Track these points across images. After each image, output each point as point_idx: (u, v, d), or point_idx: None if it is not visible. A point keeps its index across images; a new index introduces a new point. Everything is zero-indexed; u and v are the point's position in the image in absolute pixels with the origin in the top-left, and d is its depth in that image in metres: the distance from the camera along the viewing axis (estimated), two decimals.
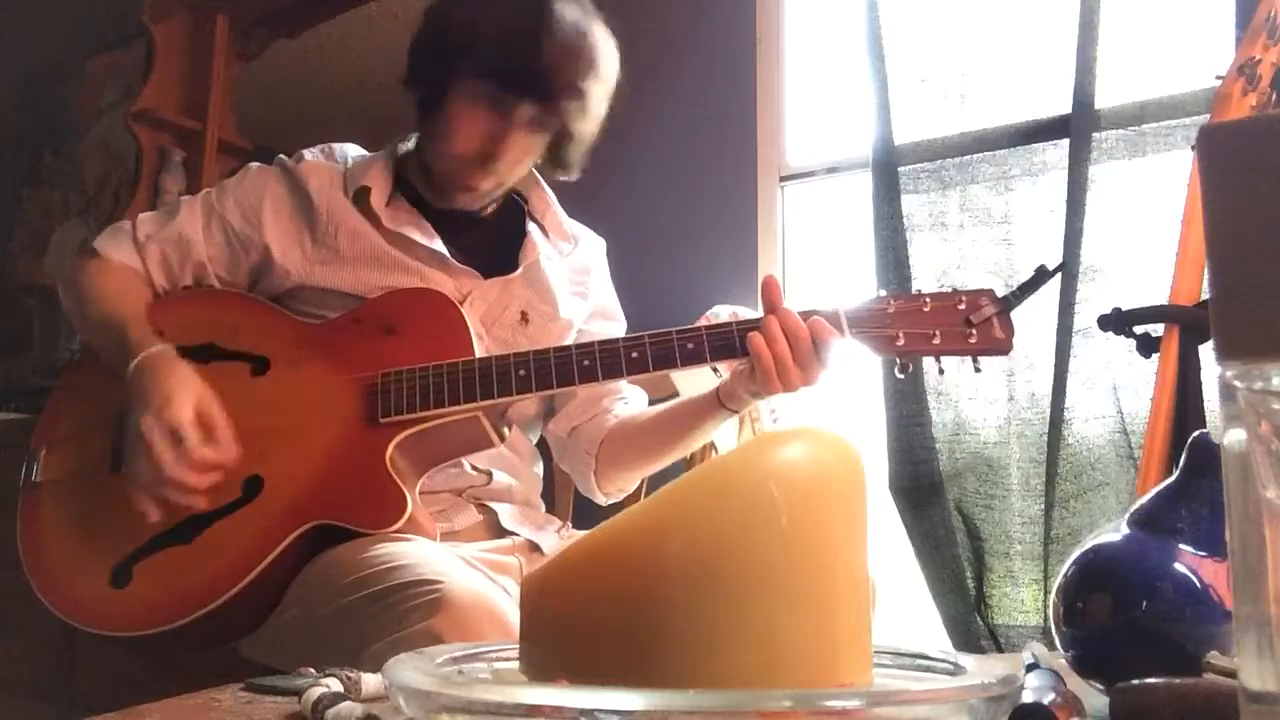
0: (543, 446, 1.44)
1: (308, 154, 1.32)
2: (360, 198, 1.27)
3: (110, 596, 1.10)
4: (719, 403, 1.22)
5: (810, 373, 1.10)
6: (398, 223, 1.26)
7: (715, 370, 1.21)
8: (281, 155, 1.34)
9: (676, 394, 1.52)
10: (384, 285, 1.24)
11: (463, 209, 1.29)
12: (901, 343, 1.10)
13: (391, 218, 1.26)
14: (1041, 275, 1.10)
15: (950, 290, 1.13)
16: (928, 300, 1.11)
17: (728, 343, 1.12)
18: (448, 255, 1.27)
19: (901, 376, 1.17)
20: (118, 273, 1.28)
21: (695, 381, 1.41)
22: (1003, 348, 1.10)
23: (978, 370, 1.13)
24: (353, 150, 1.35)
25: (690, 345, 1.12)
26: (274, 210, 1.28)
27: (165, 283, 1.30)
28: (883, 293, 1.13)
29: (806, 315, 1.11)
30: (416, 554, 1.01)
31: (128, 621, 1.09)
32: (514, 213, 1.39)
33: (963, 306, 1.11)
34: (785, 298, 1.15)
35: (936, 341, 1.10)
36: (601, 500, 1.38)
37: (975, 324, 1.10)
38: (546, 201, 1.41)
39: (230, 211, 1.29)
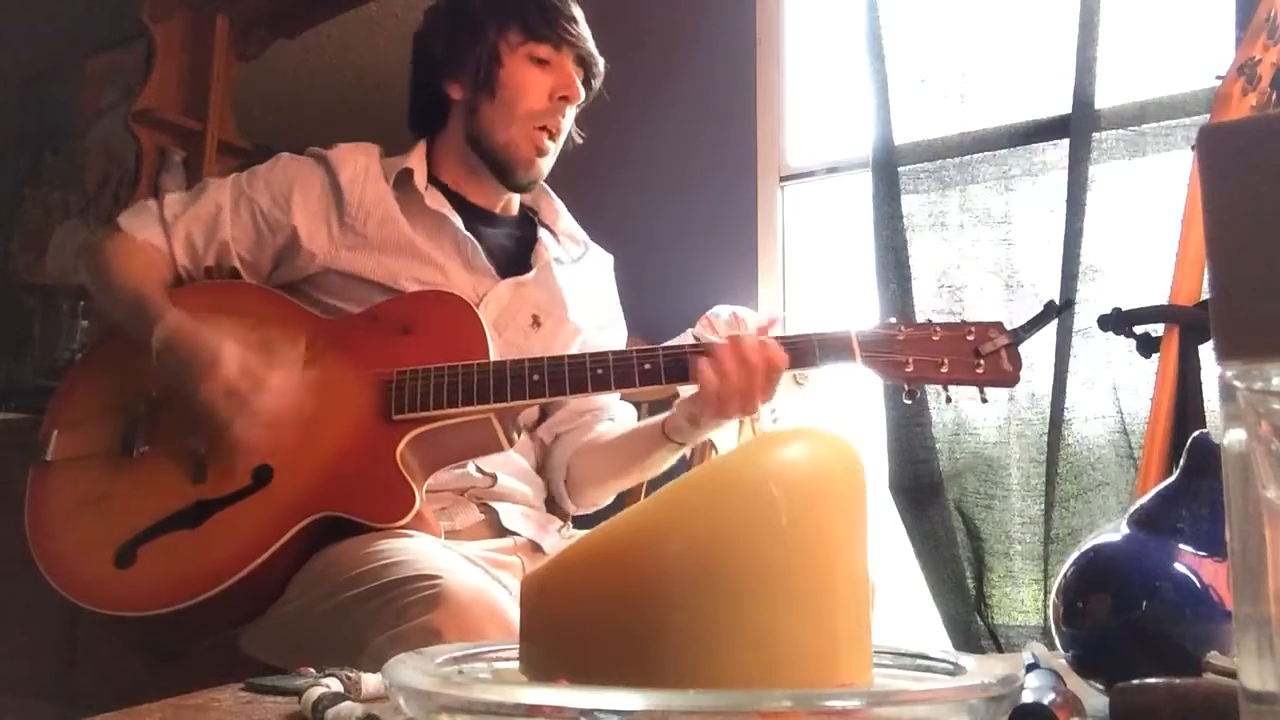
0: None
1: (342, 145, 1.36)
2: (403, 179, 1.31)
3: (114, 577, 1.10)
4: (663, 435, 1.25)
5: (750, 404, 1.12)
6: (437, 204, 1.31)
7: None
8: (314, 147, 1.36)
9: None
10: (408, 274, 1.27)
11: (522, 181, 1.34)
12: (910, 370, 1.12)
13: (432, 198, 1.31)
14: (1050, 311, 1.12)
15: (960, 321, 1.15)
16: (938, 329, 1.13)
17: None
18: (476, 243, 1.30)
19: (909, 402, 1.18)
20: (140, 250, 1.30)
21: None
22: (1009, 381, 1.12)
23: (984, 401, 1.15)
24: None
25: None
26: (303, 194, 1.30)
27: (188, 262, 1.31)
28: (893, 319, 1.16)
29: (822, 339, 1.12)
30: (417, 550, 1.02)
31: (130, 602, 1.09)
32: (526, 221, 1.43)
33: (971, 338, 1.12)
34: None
35: (945, 371, 1.12)
36: (571, 509, 1.40)
37: (984, 355, 1.11)
38: (556, 209, 1.45)
39: (259, 194, 1.31)
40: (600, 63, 1.35)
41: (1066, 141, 1.74)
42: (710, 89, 2.28)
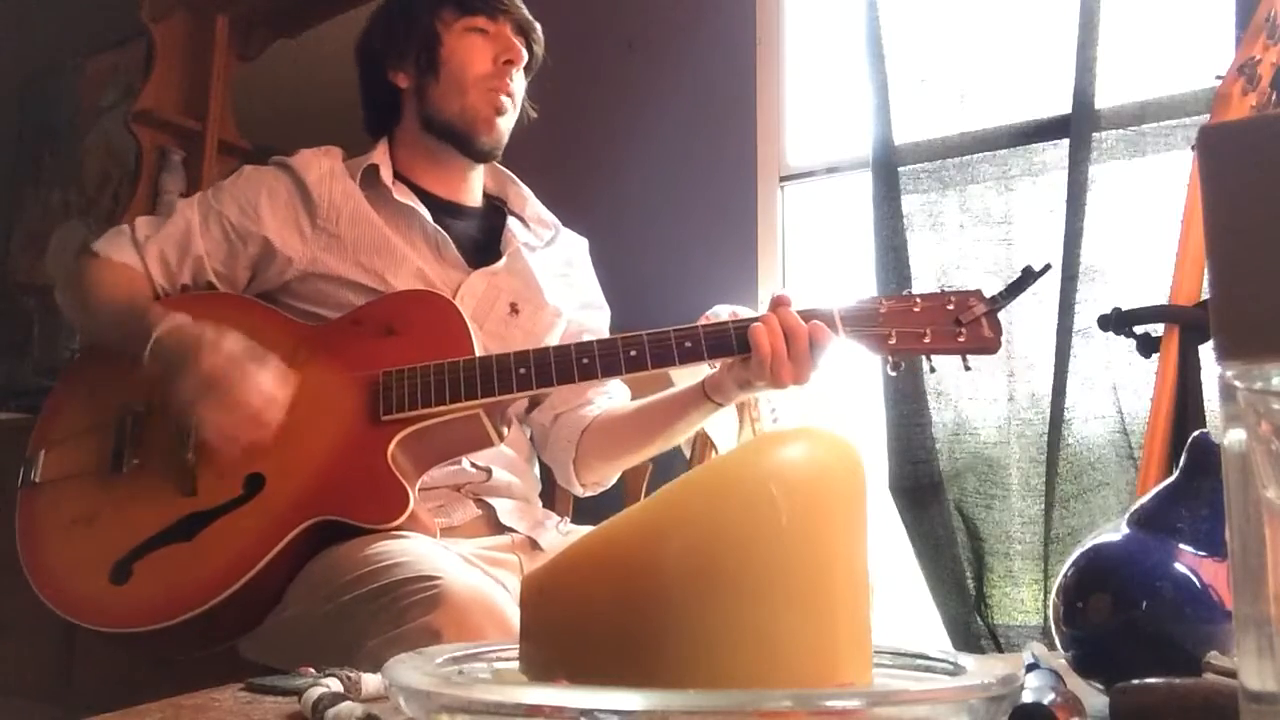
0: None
1: (303, 151, 1.36)
2: (370, 174, 1.32)
3: (110, 593, 1.10)
4: (704, 395, 1.24)
5: (802, 370, 1.12)
6: (405, 196, 1.32)
7: (713, 367, 1.22)
8: (277, 156, 1.37)
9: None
10: (386, 269, 1.27)
11: (484, 146, 1.34)
12: (893, 342, 1.13)
13: (399, 191, 1.32)
14: (1028, 276, 1.13)
15: (940, 290, 1.16)
16: (918, 300, 1.14)
17: (724, 341, 1.14)
18: (445, 235, 1.31)
19: (894, 374, 1.20)
20: (120, 271, 1.30)
21: (693, 377, 1.41)
22: (990, 347, 1.13)
23: (967, 369, 1.15)
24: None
25: (688, 343, 1.14)
26: (270, 201, 1.31)
27: (164, 281, 1.31)
28: (874, 294, 1.16)
29: (806, 316, 1.13)
30: (415, 551, 1.01)
31: (127, 618, 1.09)
32: (494, 211, 1.44)
33: (951, 306, 1.14)
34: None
35: (927, 340, 1.13)
36: (579, 491, 1.40)
37: (964, 324, 1.12)
38: (523, 196, 1.46)
39: (227, 206, 1.31)
40: (539, 28, 1.38)
41: (1066, 141, 1.74)
42: (710, 89, 2.27)
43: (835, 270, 2.17)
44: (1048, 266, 1.16)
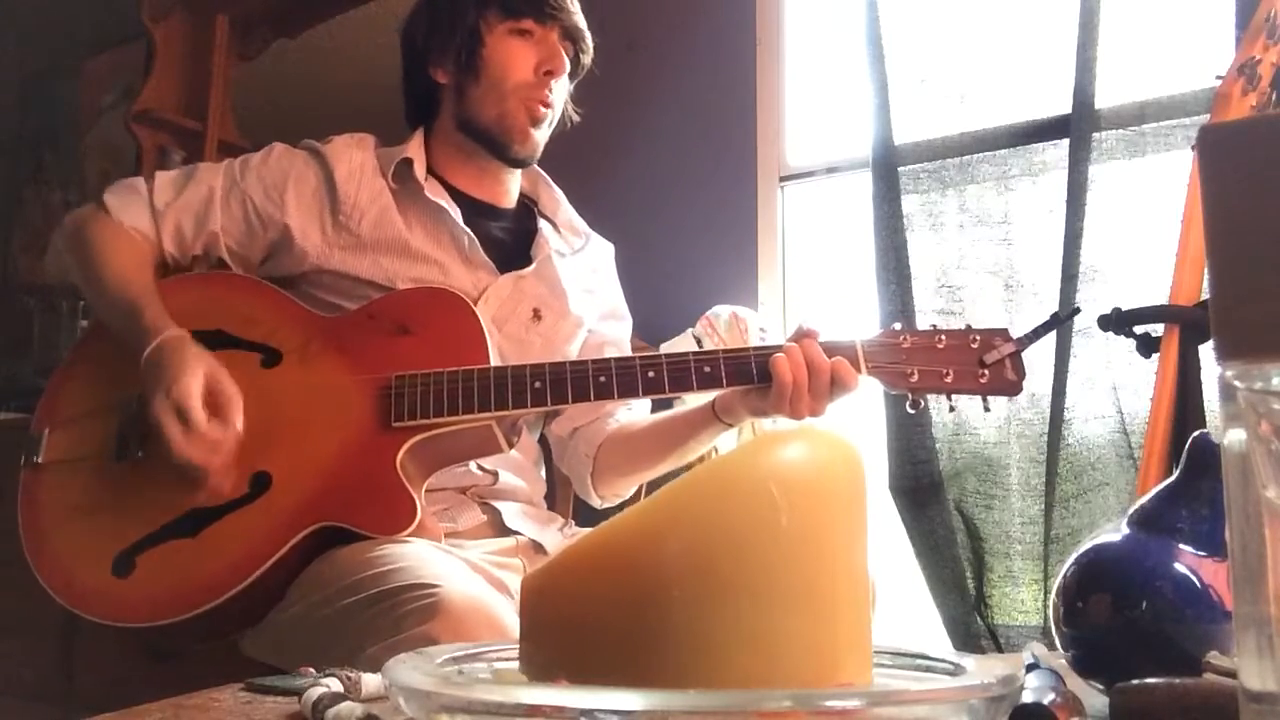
0: (544, 447, 1.44)
1: (337, 139, 1.33)
2: (402, 170, 1.29)
3: (111, 585, 1.09)
4: (714, 415, 1.23)
5: (819, 405, 1.12)
6: (436, 194, 1.29)
7: None
8: (308, 139, 1.34)
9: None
10: (404, 273, 1.25)
11: (518, 154, 1.31)
12: (915, 379, 1.12)
13: (431, 189, 1.29)
14: (1054, 320, 1.13)
15: (965, 328, 1.14)
16: (942, 337, 1.13)
17: (744, 368, 1.13)
18: (473, 237, 1.28)
19: (913, 412, 1.18)
20: (129, 240, 1.27)
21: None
22: (1012, 390, 1.12)
23: (987, 410, 1.14)
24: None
25: (707, 369, 1.13)
26: (297, 190, 1.28)
27: (176, 251, 1.29)
28: (897, 326, 1.15)
29: (829, 349, 1.13)
30: (416, 556, 1.01)
31: (128, 612, 1.08)
32: (526, 212, 1.42)
33: (975, 345, 1.12)
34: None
35: (949, 380, 1.12)
36: (596, 503, 1.39)
37: (988, 364, 1.11)
38: (556, 199, 1.43)
39: (252, 186, 1.29)
40: (588, 36, 1.33)
41: (1066, 141, 1.75)
42: (710, 89, 2.28)
43: (835, 270, 2.17)
44: (1076, 310, 1.17)
